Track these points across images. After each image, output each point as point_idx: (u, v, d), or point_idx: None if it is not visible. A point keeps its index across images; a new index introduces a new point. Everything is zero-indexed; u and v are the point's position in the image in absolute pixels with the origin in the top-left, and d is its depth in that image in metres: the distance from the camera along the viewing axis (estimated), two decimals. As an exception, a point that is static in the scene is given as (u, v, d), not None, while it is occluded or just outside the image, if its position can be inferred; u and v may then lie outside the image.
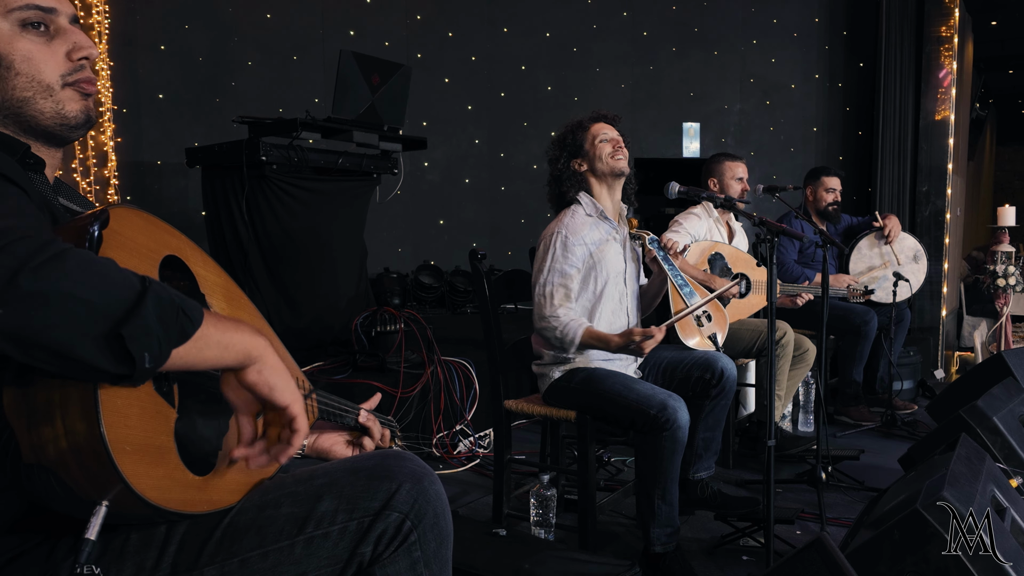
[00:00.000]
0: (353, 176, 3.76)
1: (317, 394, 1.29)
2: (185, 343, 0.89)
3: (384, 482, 1.13)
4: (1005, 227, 5.47)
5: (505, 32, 5.81)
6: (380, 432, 1.42)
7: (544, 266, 2.47)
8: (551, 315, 2.41)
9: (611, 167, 2.56)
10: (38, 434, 0.86)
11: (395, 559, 1.11)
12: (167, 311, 0.86)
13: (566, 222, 2.51)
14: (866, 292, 3.88)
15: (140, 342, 0.82)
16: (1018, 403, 2.50)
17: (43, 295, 0.77)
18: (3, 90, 1.02)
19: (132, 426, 0.89)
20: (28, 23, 1.03)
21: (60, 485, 0.88)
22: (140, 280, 0.85)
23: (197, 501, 1.00)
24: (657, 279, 2.68)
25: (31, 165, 1.04)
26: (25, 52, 1.03)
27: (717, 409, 2.57)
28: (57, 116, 1.05)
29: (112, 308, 0.81)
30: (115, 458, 0.86)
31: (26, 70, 1.03)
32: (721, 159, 3.63)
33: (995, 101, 10.26)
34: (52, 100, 1.05)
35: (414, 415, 3.51)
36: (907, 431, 3.94)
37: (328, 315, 3.68)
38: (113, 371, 0.83)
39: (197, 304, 0.92)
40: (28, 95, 1.03)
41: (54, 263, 0.79)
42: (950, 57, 5.53)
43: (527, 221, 5.85)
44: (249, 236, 3.47)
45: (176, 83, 4.79)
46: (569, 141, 2.60)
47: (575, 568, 2.03)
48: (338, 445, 1.39)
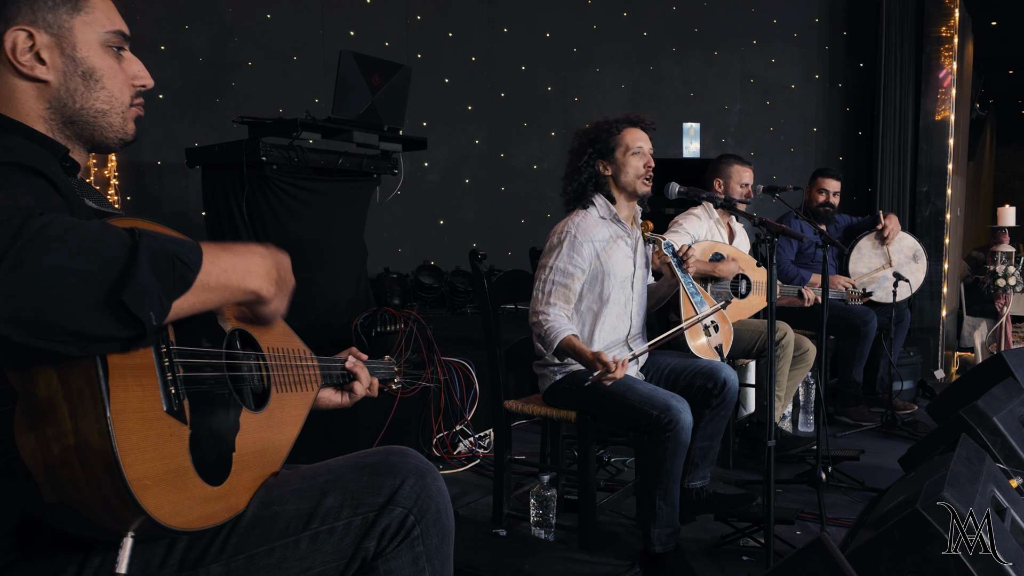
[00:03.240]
0: (353, 176, 3.76)
1: (319, 360, 1.33)
2: (187, 291, 0.87)
3: (388, 478, 1.14)
4: (1005, 227, 5.47)
5: (505, 32, 5.80)
6: (368, 379, 1.44)
7: (548, 263, 2.46)
8: (541, 311, 2.41)
9: (635, 188, 2.52)
10: (56, 477, 0.85)
11: (398, 554, 1.13)
12: (161, 262, 0.84)
13: (577, 221, 2.49)
14: (864, 295, 3.88)
15: (142, 303, 0.81)
16: (1018, 403, 2.50)
17: (32, 272, 0.76)
18: (85, 99, 1.08)
19: (149, 459, 0.88)
20: (111, 45, 1.10)
21: (83, 519, 0.87)
22: (130, 234, 0.83)
23: (218, 512, 1.01)
24: (666, 283, 2.67)
25: (68, 168, 1.06)
26: (111, 70, 1.10)
27: (716, 419, 2.56)
28: (121, 131, 1.13)
29: (106, 272, 0.80)
30: (137, 496, 0.85)
31: (110, 86, 1.10)
32: (731, 161, 3.60)
33: (995, 101, 10.26)
34: (121, 117, 1.12)
35: (414, 415, 3.51)
36: (907, 431, 3.95)
37: (328, 315, 3.67)
38: (122, 336, 0.81)
39: (195, 244, 0.91)
40: (106, 108, 1.10)
41: (39, 237, 0.77)
42: (950, 57, 5.53)
43: (527, 221, 5.85)
44: (249, 236, 3.46)
45: (176, 83, 4.78)
46: (601, 141, 2.53)
47: (575, 568, 2.03)
48: (327, 392, 1.41)
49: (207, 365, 1.04)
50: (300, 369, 1.28)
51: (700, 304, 2.59)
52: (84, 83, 1.07)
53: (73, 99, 1.07)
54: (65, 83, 1.06)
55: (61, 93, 1.06)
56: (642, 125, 2.57)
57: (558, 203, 2.67)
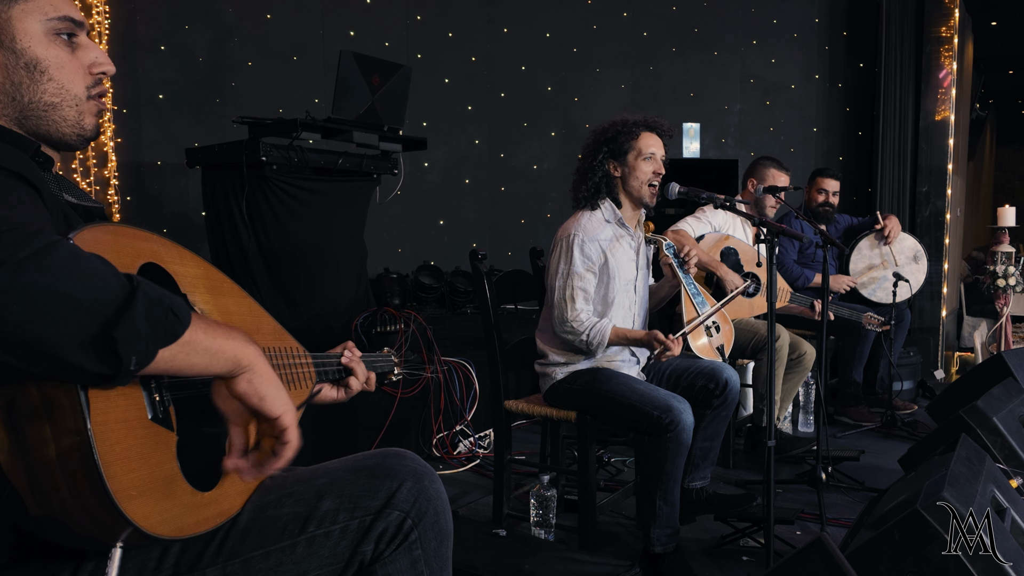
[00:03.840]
0: (353, 176, 3.76)
1: (312, 357, 1.30)
2: (172, 345, 0.86)
3: (385, 481, 1.13)
4: (1005, 227, 5.47)
5: (505, 32, 5.80)
6: (365, 374, 1.42)
7: (562, 269, 2.44)
8: (573, 319, 2.39)
9: (641, 195, 2.51)
10: (40, 491, 0.84)
11: (396, 557, 1.12)
12: (155, 311, 0.83)
13: (583, 224, 2.47)
14: (883, 324, 3.71)
15: (129, 344, 0.80)
16: (1018, 403, 2.50)
17: (26, 290, 0.75)
18: (32, 92, 1.04)
19: (135, 468, 0.87)
20: (59, 33, 1.05)
21: (70, 532, 0.86)
22: (128, 279, 0.83)
23: (210, 517, 1.00)
24: (667, 284, 2.67)
25: (41, 163, 1.05)
26: (58, 60, 1.05)
27: (717, 420, 2.56)
28: (77, 126, 1.07)
29: (101, 306, 0.79)
30: (122, 507, 0.84)
31: (58, 77, 1.05)
32: (768, 165, 3.63)
33: (995, 101, 10.25)
34: (76, 110, 1.07)
35: (414, 415, 3.51)
36: (907, 431, 3.94)
37: (328, 315, 3.67)
38: (95, 371, 0.80)
39: (185, 305, 0.89)
40: (56, 101, 1.05)
41: (40, 256, 0.76)
42: (950, 57, 5.53)
43: (527, 221, 5.85)
44: (249, 236, 3.46)
45: (176, 83, 4.78)
46: (613, 141, 2.51)
47: (575, 568, 2.03)
48: (323, 387, 1.38)
49: None
50: (293, 368, 1.26)
51: (701, 304, 2.59)
52: (28, 75, 1.03)
53: (20, 93, 1.03)
54: (9, 77, 1.02)
55: (8, 88, 1.02)
56: (659, 131, 2.54)
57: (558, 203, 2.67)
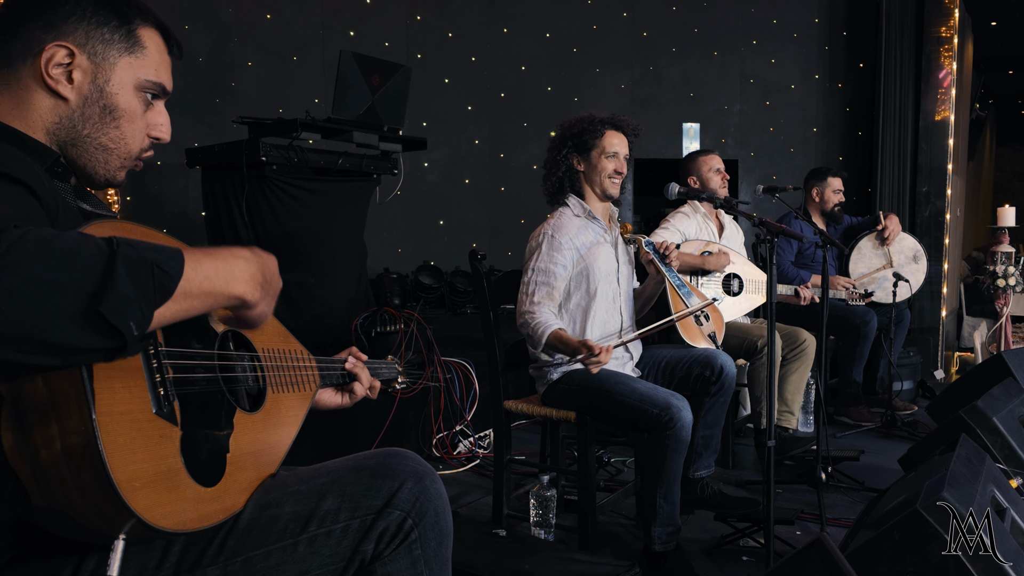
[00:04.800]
0: (353, 176, 3.76)
1: (317, 361, 1.32)
2: (168, 300, 0.85)
3: (386, 480, 1.14)
4: (1005, 227, 5.48)
5: (505, 32, 5.80)
6: (369, 380, 1.43)
7: (529, 265, 2.49)
8: (527, 311, 2.43)
9: (604, 188, 2.55)
10: (44, 481, 0.85)
11: (396, 557, 1.13)
12: (140, 271, 0.82)
13: (553, 223, 2.52)
14: (866, 295, 3.86)
15: (121, 313, 0.79)
16: (1018, 403, 2.50)
17: (7, 285, 0.74)
18: (94, 129, 1.06)
19: (139, 460, 0.88)
20: (145, 91, 1.10)
21: (73, 523, 0.87)
22: (107, 244, 0.81)
23: (212, 512, 1.01)
24: (652, 281, 2.67)
25: (59, 173, 1.05)
26: (131, 113, 1.09)
27: (717, 407, 2.58)
28: (112, 174, 1.11)
29: (83, 283, 0.77)
30: (126, 498, 0.84)
31: (124, 128, 1.08)
32: (694, 155, 3.60)
33: (995, 101, 10.25)
34: (120, 162, 1.10)
35: (414, 415, 3.51)
36: (907, 431, 3.94)
37: (328, 315, 3.67)
38: (104, 347, 0.80)
39: (176, 251, 0.88)
40: (112, 147, 1.08)
41: (13, 249, 0.75)
42: (950, 57, 5.53)
43: (527, 222, 5.84)
44: (249, 236, 3.46)
45: (176, 83, 4.78)
46: (579, 137, 2.56)
47: (575, 568, 2.03)
48: (326, 393, 1.40)
49: (198, 366, 1.03)
50: (297, 370, 1.27)
51: (688, 296, 2.59)
52: (101, 115, 1.06)
53: (84, 125, 1.06)
54: (83, 108, 1.05)
55: (75, 115, 1.05)
56: (625, 129, 2.57)
57: (558, 203, 2.68)
